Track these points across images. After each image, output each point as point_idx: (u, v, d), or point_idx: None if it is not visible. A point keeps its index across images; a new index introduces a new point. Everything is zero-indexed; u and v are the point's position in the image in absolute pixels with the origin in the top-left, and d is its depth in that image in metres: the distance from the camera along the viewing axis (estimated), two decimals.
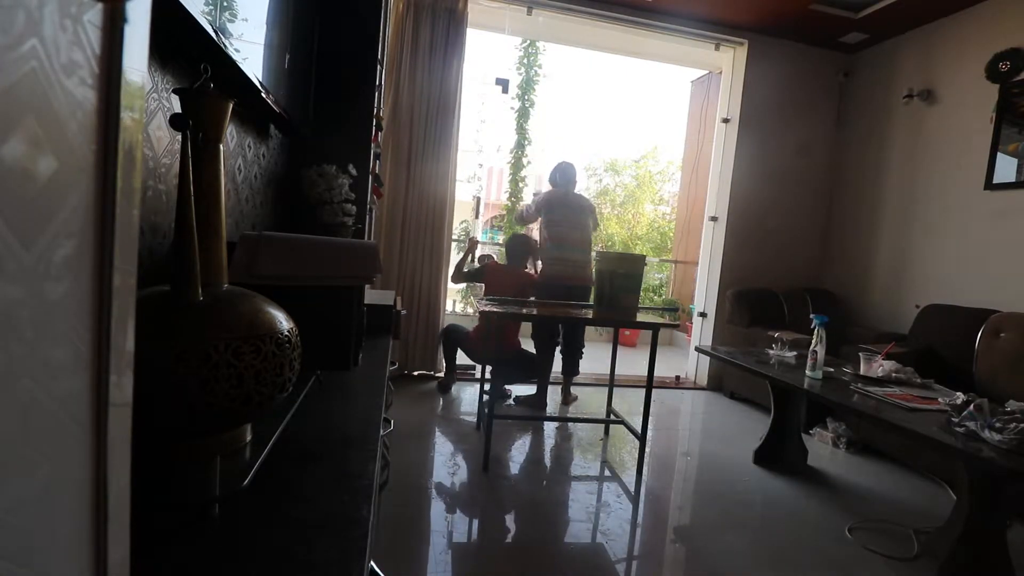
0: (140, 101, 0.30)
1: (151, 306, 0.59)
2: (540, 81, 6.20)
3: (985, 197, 3.21)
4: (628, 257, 2.55)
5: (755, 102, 4.15)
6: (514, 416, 3.20)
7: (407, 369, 3.78)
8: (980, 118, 3.24)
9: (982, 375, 2.72)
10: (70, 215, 0.25)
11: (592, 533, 2.00)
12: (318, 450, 0.74)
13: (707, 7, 3.75)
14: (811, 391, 2.11)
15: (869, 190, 4.04)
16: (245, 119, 1.29)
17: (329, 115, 1.74)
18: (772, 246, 4.27)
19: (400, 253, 3.70)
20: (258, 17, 1.11)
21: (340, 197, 1.61)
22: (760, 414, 3.59)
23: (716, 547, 1.95)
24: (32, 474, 0.23)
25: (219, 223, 0.67)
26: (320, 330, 1.07)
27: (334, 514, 0.57)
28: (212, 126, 0.65)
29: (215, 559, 0.49)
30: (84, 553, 0.27)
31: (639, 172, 10.05)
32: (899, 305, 3.68)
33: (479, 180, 5.54)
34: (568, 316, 2.74)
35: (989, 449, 1.50)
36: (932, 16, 3.55)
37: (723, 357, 2.67)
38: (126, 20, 0.27)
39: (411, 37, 3.58)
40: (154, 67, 0.79)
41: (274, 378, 0.64)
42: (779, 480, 2.55)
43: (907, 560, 1.92)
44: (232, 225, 1.21)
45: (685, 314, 6.06)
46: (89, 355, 0.27)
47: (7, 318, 0.21)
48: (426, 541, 1.83)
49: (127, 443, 0.30)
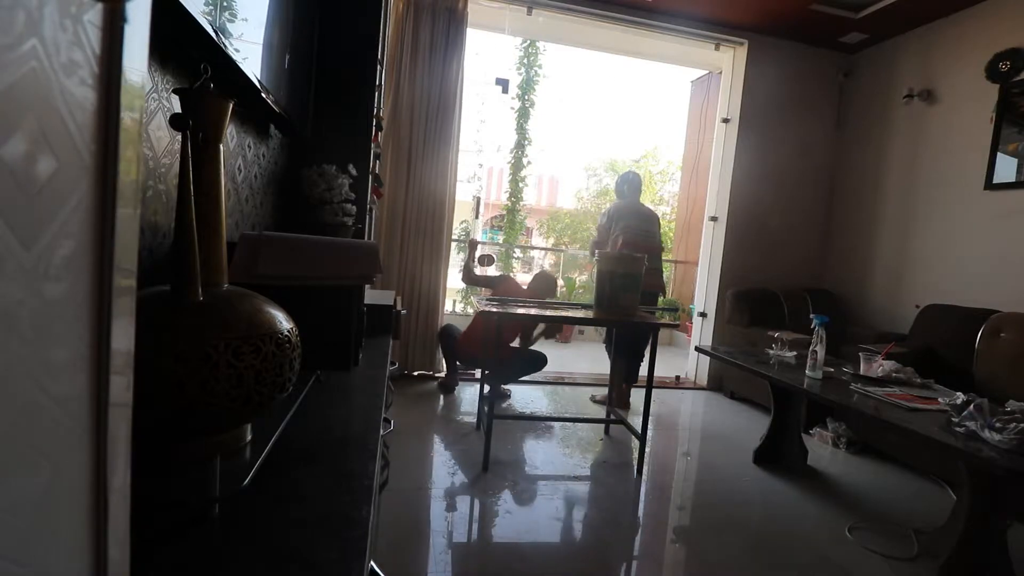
0: (140, 101, 0.30)
1: (151, 306, 0.59)
2: (540, 81, 6.20)
3: (985, 197, 3.21)
4: (628, 257, 2.55)
5: (755, 102, 4.15)
6: (514, 416, 3.20)
7: (407, 369, 3.78)
8: (980, 118, 3.24)
9: (982, 375, 2.72)
10: (70, 215, 0.25)
11: (592, 533, 2.00)
12: (318, 450, 0.74)
13: (707, 7, 3.75)
14: (811, 391, 2.11)
15: (869, 190, 4.04)
16: (245, 119, 1.29)
17: (329, 115, 1.74)
18: (772, 246, 4.27)
19: (400, 253, 3.70)
20: (258, 17, 1.11)
21: (340, 197, 1.61)
22: (760, 414, 3.59)
23: (716, 547, 1.95)
24: (32, 474, 0.23)
25: (219, 223, 0.67)
26: (320, 330, 1.07)
27: (334, 514, 0.57)
28: (212, 126, 0.65)
29: (215, 559, 0.49)
30: (84, 553, 0.27)
31: (639, 172, 10.05)
32: (899, 305, 3.68)
33: (479, 180, 5.53)
34: (566, 317, 2.74)
35: (989, 449, 1.50)
36: (932, 16, 3.55)
37: (723, 357, 2.67)
38: (126, 20, 0.27)
39: (411, 37, 3.58)
40: (154, 67, 0.79)
41: (274, 378, 0.64)
42: (779, 480, 2.55)
43: (907, 560, 1.92)
44: (232, 225, 1.21)
45: (685, 314, 6.06)
46: (89, 355, 0.27)
47: (7, 318, 0.21)
48: (426, 541, 1.83)
49: (127, 443, 0.30)
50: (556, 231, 10.31)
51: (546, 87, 7.55)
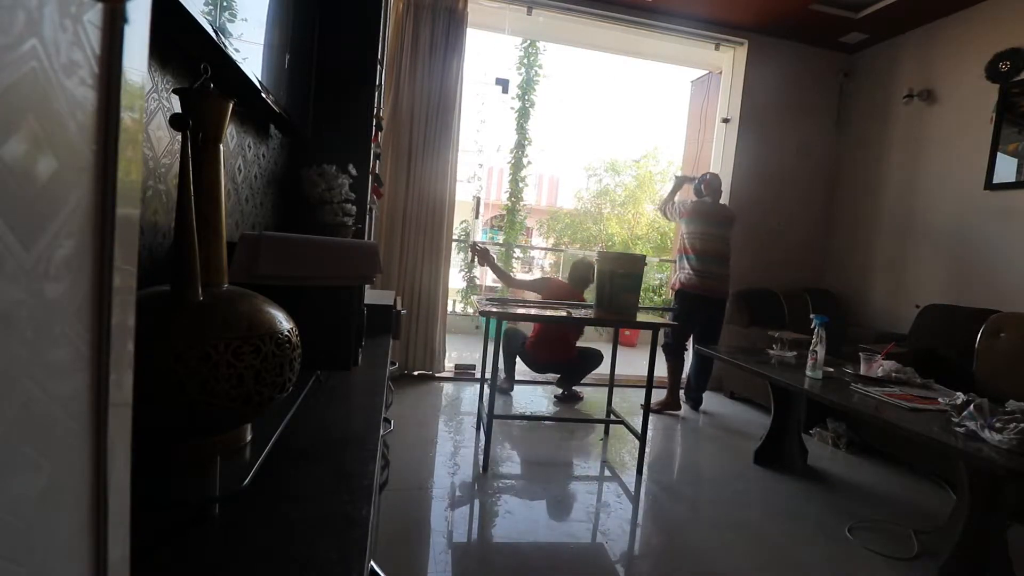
0: (140, 101, 0.30)
1: (151, 306, 0.59)
2: (540, 81, 6.20)
3: (985, 197, 3.21)
4: (628, 257, 2.55)
5: (755, 102, 4.15)
6: (514, 416, 3.20)
7: (407, 369, 3.78)
8: (980, 118, 3.24)
9: (982, 375, 2.72)
10: (70, 215, 0.25)
11: (592, 533, 2.00)
12: (318, 450, 0.74)
13: (707, 7, 3.75)
14: (811, 391, 2.11)
15: (869, 190, 4.04)
16: (245, 119, 1.28)
17: (329, 115, 1.74)
18: (772, 246, 4.27)
19: (400, 253, 3.70)
20: (258, 17, 1.11)
21: (340, 197, 1.61)
22: (760, 414, 3.59)
23: (716, 547, 1.95)
24: (32, 474, 0.23)
25: (219, 223, 0.67)
26: (320, 330, 1.07)
27: (334, 514, 0.57)
28: (212, 126, 0.65)
29: (215, 559, 0.49)
30: (84, 553, 0.27)
31: (639, 172, 10.06)
32: (899, 305, 3.68)
33: (479, 180, 5.54)
34: (570, 317, 2.73)
35: (989, 449, 1.50)
36: (932, 16, 3.55)
37: (723, 357, 2.67)
38: (126, 20, 0.27)
39: (411, 37, 3.58)
40: (154, 67, 0.79)
41: (274, 378, 0.64)
42: (779, 480, 2.55)
43: (907, 560, 1.92)
44: (232, 225, 1.21)
45: None
46: (89, 355, 0.27)
47: (7, 318, 0.21)
48: (426, 541, 1.83)
49: (127, 443, 0.30)
50: (556, 231, 10.31)
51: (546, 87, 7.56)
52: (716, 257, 3.44)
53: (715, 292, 3.44)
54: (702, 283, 3.41)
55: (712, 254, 3.43)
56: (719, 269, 3.45)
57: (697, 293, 3.41)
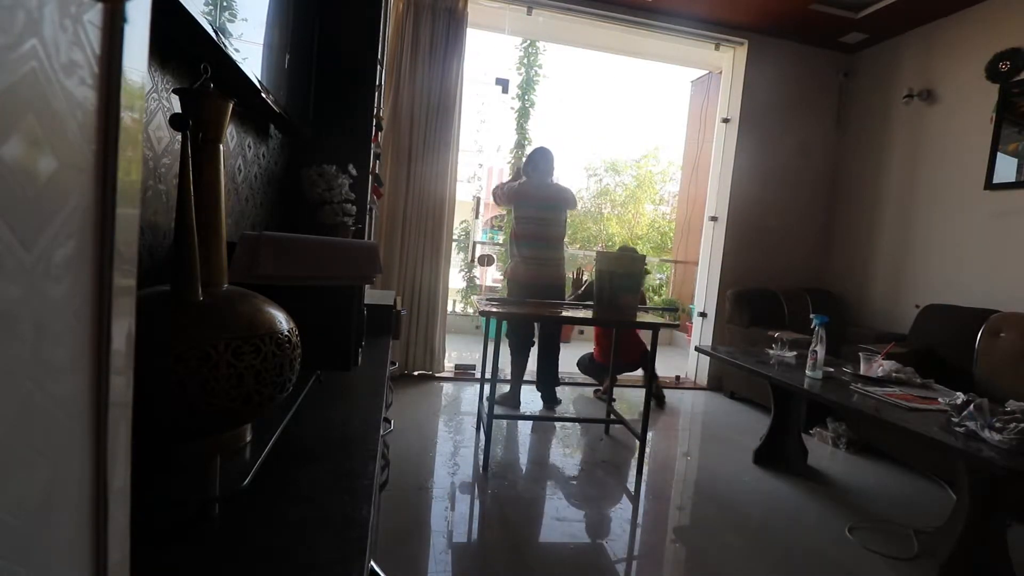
0: (140, 101, 0.30)
1: (151, 306, 0.59)
2: (540, 81, 6.20)
3: (985, 197, 3.21)
4: (628, 257, 2.54)
5: (755, 102, 4.15)
6: (514, 416, 3.20)
7: (407, 369, 3.78)
8: (980, 118, 3.24)
9: (982, 375, 2.72)
10: (70, 215, 0.25)
11: (592, 533, 2.00)
12: (318, 450, 0.74)
13: (707, 7, 3.74)
14: (811, 391, 2.11)
15: (869, 190, 4.04)
16: (245, 119, 1.28)
17: (329, 115, 1.74)
18: (772, 246, 4.27)
19: (400, 253, 3.70)
20: (258, 17, 1.11)
21: (340, 197, 1.61)
22: (760, 414, 3.59)
23: (716, 547, 1.95)
24: (32, 474, 0.23)
25: (219, 223, 0.67)
26: (320, 330, 1.07)
27: (334, 514, 0.57)
28: (212, 126, 0.65)
29: (215, 559, 0.49)
30: (84, 553, 0.27)
31: (639, 172, 10.05)
32: (899, 305, 3.68)
33: (479, 180, 5.54)
34: (566, 317, 2.74)
35: (989, 449, 1.50)
36: (932, 16, 3.55)
37: (723, 357, 2.67)
38: (126, 20, 0.27)
39: (411, 37, 3.58)
40: (154, 67, 0.79)
41: (274, 378, 0.64)
42: (779, 480, 2.55)
43: (907, 560, 1.92)
44: (232, 225, 1.21)
45: (685, 314, 6.06)
46: (89, 355, 0.27)
47: (7, 318, 0.21)
48: (426, 541, 1.83)
49: (127, 443, 0.30)
50: None
51: (546, 87, 7.53)
52: (547, 242, 3.18)
53: (547, 279, 3.18)
54: (533, 270, 3.16)
55: (542, 238, 3.17)
56: (551, 254, 3.19)
57: (530, 282, 3.15)
